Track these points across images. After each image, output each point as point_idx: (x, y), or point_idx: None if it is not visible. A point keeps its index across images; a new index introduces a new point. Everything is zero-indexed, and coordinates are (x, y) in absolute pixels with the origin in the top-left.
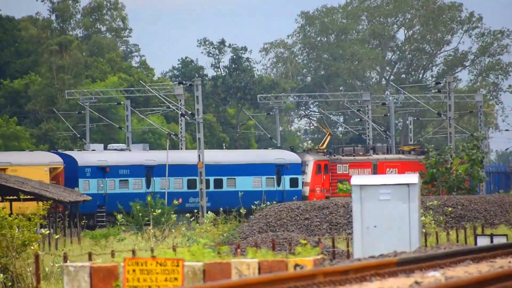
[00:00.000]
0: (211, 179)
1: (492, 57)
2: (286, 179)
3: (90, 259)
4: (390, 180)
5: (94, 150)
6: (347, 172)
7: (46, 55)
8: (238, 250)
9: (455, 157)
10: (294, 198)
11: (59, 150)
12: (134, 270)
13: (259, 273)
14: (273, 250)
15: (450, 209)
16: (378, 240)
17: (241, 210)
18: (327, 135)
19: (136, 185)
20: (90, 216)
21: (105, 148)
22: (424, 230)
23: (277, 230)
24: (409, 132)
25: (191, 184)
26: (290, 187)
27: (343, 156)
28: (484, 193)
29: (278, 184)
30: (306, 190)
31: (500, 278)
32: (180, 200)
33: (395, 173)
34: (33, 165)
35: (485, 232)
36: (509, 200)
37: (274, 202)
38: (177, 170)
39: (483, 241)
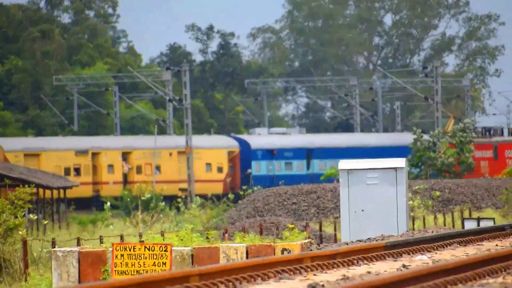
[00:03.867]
0: None
1: (479, 42)
2: None
3: (78, 244)
4: (378, 164)
5: (260, 134)
6: (473, 154)
7: (28, 42)
8: (226, 235)
9: (443, 141)
10: None
11: (232, 134)
12: (122, 255)
13: (247, 257)
14: (261, 234)
15: (438, 193)
16: (366, 224)
17: None
18: (451, 117)
19: (298, 167)
20: None
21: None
22: (412, 214)
23: (265, 215)
24: (397, 117)
25: None
26: None
27: None
28: None
29: None
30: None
31: (487, 261)
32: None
33: None
34: (214, 148)
35: (472, 215)
36: (496, 184)
37: None
38: (331, 152)
39: (470, 225)
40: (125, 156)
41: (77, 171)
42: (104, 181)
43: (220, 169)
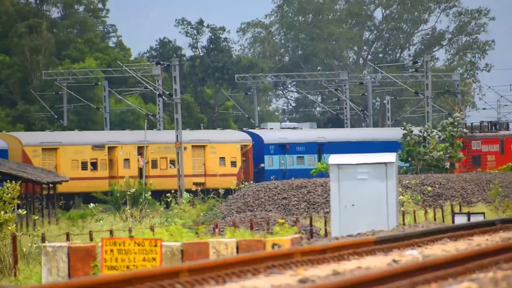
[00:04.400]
0: None
1: (469, 36)
2: None
3: (68, 239)
4: (368, 159)
5: (272, 128)
6: (480, 149)
7: (16, 38)
8: (216, 230)
9: (433, 136)
10: None
11: (244, 129)
12: (112, 250)
13: (237, 252)
14: (251, 229)
15: (430, 188)
16: (356, 219)
17: None
18: (458, 111)
19: (310, 161)
20: None
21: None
22: (402, 209)
23: (255, 209)
24: (387, 112)
25: None
26: None
27: (476, 133)
28: None
29: None
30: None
31: (477, 256)
32: None
33: None
34: (228, 142)
35: (463, 210)
36: (486, 178)
37: None
38: (342, 147)
39: (460, 219)
40: (141, 150)
41: (94, 165)
42: (120, 175)
43: (233, 163)
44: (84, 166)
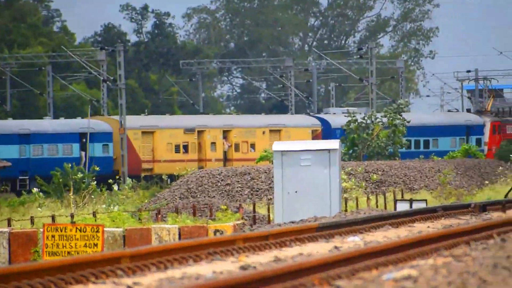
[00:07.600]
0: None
1: (413, 23)
2: (472, 139)
3: (9, 225)
4: (311, 145)
5: (335, 113)
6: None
7: None
8: (159, 216)
9: (376, 123)
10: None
11: (312, 114)
12: (53, 236)
13: (180, 238)
14: (194, 216)
15: (375, 176)
16: (299, 206)
17: None
18: (491, 97)
19: None
20: None
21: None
22: (344, 195)
23: (198, 196)
24: (331, 98)
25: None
26: None
27: (508, 117)
28: None
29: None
30: (484, 149)
31: (418, 243)
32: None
33: None
34: (300, 127)
35: (405, 197)
36: (429, 166)
37: None
38: (408, 131)
39: (402, 206)
40: (225, 134)
41: (185, 148)
42: (207, 158)
43: None
44: (177, 149)
